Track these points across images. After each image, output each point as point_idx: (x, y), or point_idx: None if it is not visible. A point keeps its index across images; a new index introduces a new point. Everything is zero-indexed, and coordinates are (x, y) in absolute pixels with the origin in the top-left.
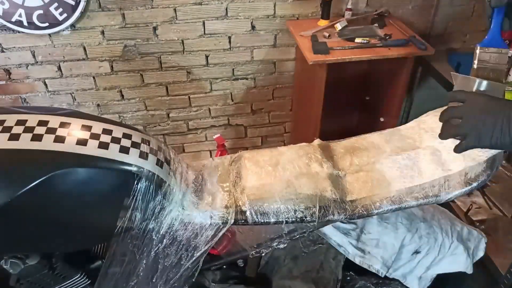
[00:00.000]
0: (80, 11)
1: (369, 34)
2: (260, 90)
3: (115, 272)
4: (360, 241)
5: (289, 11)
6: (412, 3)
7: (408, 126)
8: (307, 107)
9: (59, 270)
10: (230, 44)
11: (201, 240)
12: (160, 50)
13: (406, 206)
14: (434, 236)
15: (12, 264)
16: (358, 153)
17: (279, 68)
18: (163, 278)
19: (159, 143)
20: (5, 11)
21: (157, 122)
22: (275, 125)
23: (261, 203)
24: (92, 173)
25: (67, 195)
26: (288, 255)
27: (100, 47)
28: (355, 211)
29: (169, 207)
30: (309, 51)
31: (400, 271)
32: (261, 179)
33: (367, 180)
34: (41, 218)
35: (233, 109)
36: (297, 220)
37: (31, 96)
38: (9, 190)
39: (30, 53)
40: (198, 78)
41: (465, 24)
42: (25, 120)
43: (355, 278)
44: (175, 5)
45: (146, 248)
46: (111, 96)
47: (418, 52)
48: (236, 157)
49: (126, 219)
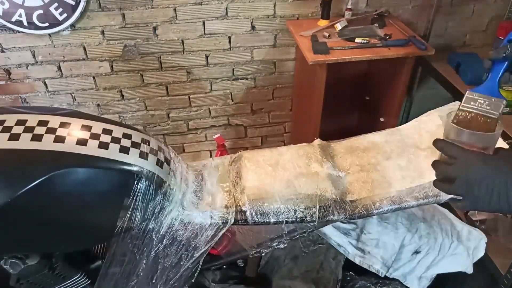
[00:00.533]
0: (80, 11)
1: (369, 34)
2: (260, 90)
3: (115, 272)
4: (360, 241)
5: (289, 11)
6: (412, 3)
7: (408, 126)
8: (307, 107)
9: (59, 270)
10: (230, 44)
11: (201, 240)
12: (160, 50)
13: (406, 206)
14: (434, 236)
15: (12, 264)
16: (358, 153)
17: (279, 68)
18: (163, 278)
19: (159, 143)
20: (5, 11)
21: (157, 122)
22: (275, 125)
23: (261, 203)
24: (92, 173)
25: (67, 195)
26: (288, 255)
27: (100, 47)
28: (355, 211)
29: (169, 207)
30: (309, 51)
31: (400, 271)
32: (261, 179)
33: (367, 180)
34: (41, 218)
35: (233, 109)
36: (297, 220)
37: (31, 96)
38: (9, 190)
39: (30, 53)
40: (198, 78)
41: (465, 24)
42: (25, 120)
43: (355, 278)
44: (175, 5)
45: (146, 248)
46: (111, 96)
47: (418, 52)
48: (236, 157)
49: (126, 219)
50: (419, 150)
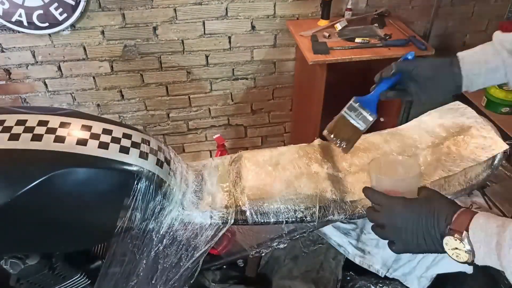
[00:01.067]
0: (80, 11)
1: (369, 34)
2: (260, 90)
3: (115, 272)
4: (360, 241)
5: (289, 11)
6: (412, 3)
7: (408, 126)
8: (307, 107)
9: (59, 270)
10: (230, 44)
11: (201, 240)
12: (160, 50)
13: None
14: None
15: (12, 264)
16: (358, 153)
17: (279, 68)
18: (163, 278)
19: (159, 143)
20: (5, 11)
21: (157, 122)
22: (275, 125)
23: (261, 203)
24: (92, 173)
25: (67, 195)
26: (288, 255)
27: (100, 47)
28: (355, 211)
29: (169, 207)
30: (309, 51)
31: (400, 271)
32: (261, 179)
33: (367, 180)
34: (41, 218)
35: (233, 109)
36: (297, 220)
37: (31, 96)
38: (9, 190)
39: (30, 53)
40: (198, 78)
41: (465, 24)
42: (25, 120)
43: (355, 278)
44: (175, 5)
45: (146, 248)
46: (111, 96)
47: (418, 52)
48: (236, 157)
49: (126, 219)
50: (419, 150)
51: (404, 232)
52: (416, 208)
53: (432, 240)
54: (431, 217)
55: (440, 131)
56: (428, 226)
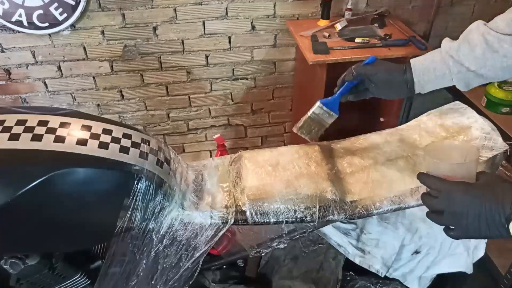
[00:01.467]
0: (80, 11)
1: (369, 34)
2: (260, 90)
3: (115, 272)
4: (360, 241)
5: (289, 11)
6: (412, 3)
7: (408, 126)
8: (307, 107)
9: (59, 270)
10: (230, 44)
11: (201, 240)
12: (160, 50)
13: (406, 206)
14: (434, 236)
15: (12, 264)
16: (358, 153)
17: (279, 68)
18: (163, 278)
19: (159, 143)
20: (5, 11)
21: (157, 122)
22: (275, 125)
23: (261, 203)
24: (92, 173)
25: (67, 195)
26: (288, 255)
27: (100, 47)
28: (355, 211)
29: (169, 207)
30: (309, 51)
31: (400, 271)
32: (261, 179)
33: (367, 180)
34: (41, 218)
35: (233, 109)
36: (297, 220)
37: (31, 96)
38: (9, 190)
39: (30, 53)
40: (198, 78)
41: (465, 24)
42: (25, 120)
43: (355, 278)
44: (175, 5)
45: (146, 248)
46: (111, 96)
47: (418, 52)
48: (236, 157)
49: (126, 219)
50: (419, 150)
51: (465, 218)
52: (479, 194)
53: (497, 226)
54: (496, 203)
55: (440, 131)
56: (493, 211)
